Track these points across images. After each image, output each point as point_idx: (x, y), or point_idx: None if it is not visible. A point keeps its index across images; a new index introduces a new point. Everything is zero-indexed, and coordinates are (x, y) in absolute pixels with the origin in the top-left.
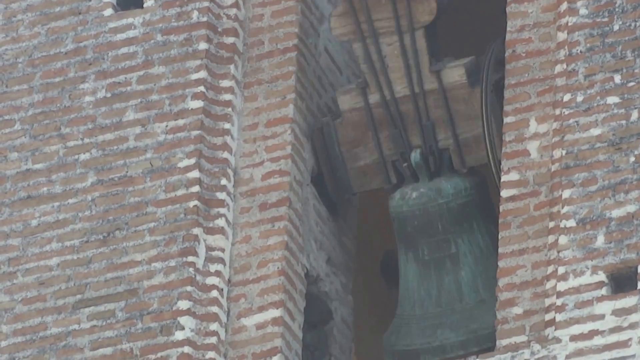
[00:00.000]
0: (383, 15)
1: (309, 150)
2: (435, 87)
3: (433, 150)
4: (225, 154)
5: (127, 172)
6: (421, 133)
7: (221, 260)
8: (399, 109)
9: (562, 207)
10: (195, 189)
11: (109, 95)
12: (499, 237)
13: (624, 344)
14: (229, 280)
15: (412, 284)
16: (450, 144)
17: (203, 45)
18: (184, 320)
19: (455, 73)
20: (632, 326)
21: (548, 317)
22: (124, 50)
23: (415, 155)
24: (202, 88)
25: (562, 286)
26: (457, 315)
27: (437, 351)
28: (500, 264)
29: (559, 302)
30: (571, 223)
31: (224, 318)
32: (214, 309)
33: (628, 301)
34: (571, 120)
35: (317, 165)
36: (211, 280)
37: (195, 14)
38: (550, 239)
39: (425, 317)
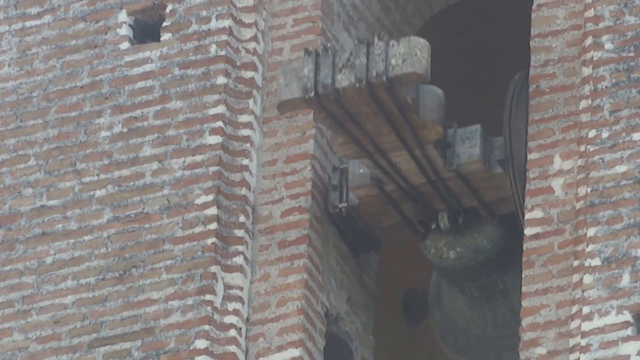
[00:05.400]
0: (387, 139)
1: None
2: (452, 176)
3: (459, 211)
4: (244, 191)
5: (143, 208)
6: (444, 202)
7: (239, 299)
8: (417, 191)
9: (587, 246)
10: (213, 226)
11: (125, 130)
12: (523, 275)
13: None
14: (248, 319)
15: (463, 309)
16: (476, 204)
17: (221, 80)
18: (201, 359)
19: (473, 167)
20: None
21: (572, 357)
22: (141, 84)
23: (443, 221)
24: (220, 123)
25: (586, 326)
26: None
27: None
28: (524, 303)
29: (583, 342)
30: (596, 262)
31: (242, 357)
32: (232, 348)
33: None
34: (596, 157)
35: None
36: (229, 319)
37: (213, 48)
38: (575, 278)
39: (484, 337)
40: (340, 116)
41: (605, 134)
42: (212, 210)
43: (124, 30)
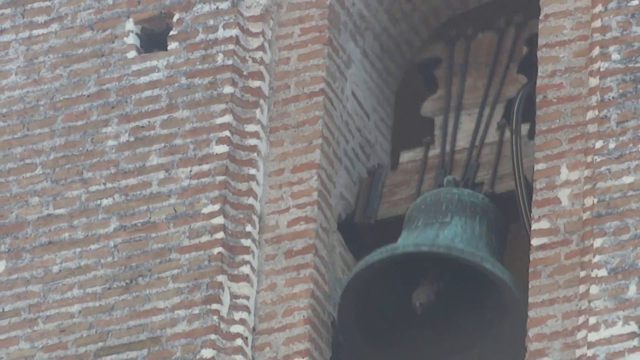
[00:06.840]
0: (474, 94)
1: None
2: (495, 140)
3: (468, 183)
4: (251, 200)
5: (150, 217)
6: (464, 170)
7: (246, 308)
8: (453, 157)
9: (594, 257)
10: (220, 235)
11: (132, 139)
12: (529, 286)
13: None
14: (254, 329)
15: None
16: (487, 178)
17: (228, 89)
18: None
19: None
20: None
21: None
22: (148, 93)
23: (448, 178)
24: (227, 133)
25: (593, 337)
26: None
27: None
28: (531, 313)
29: (590, 353)
30: (603, 272)
31: None
32: (239, 357)
33: None
34: (603, 168)
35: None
36: (236, 329)
37: (220, 57)
38: (581, 288)
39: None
40: None
41: (612, 145)
42: (219, 220)
43: (131, 39)
